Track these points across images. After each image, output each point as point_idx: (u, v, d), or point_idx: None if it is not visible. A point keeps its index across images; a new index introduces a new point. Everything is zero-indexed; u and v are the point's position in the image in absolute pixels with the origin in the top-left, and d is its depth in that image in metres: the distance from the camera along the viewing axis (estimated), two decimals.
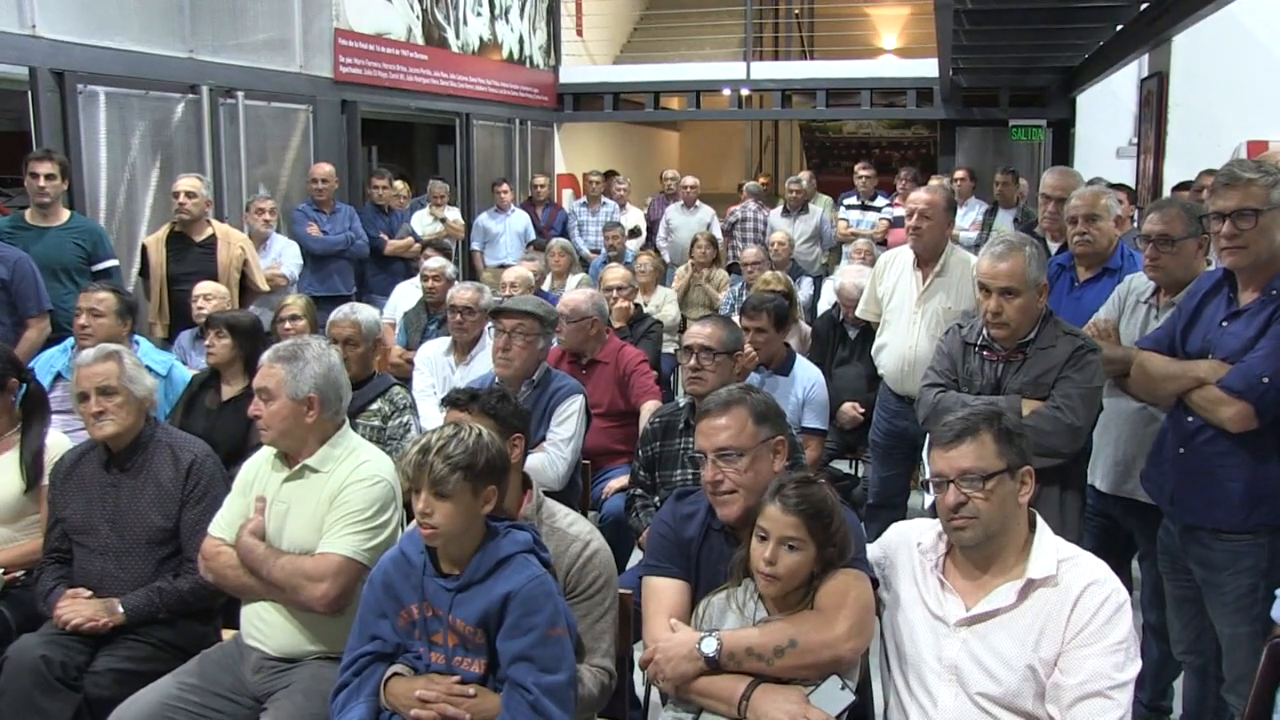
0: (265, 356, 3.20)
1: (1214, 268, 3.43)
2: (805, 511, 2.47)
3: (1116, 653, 2.32)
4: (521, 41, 12.10)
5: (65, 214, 5.71)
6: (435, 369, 5.28)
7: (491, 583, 2.52)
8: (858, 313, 5.38)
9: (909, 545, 2.63)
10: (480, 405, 3.00)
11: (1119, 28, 7.86)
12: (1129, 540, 3.84)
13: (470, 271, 10.04)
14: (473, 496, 2.51)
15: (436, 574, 2.58)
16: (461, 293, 5.16)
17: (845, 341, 5.88)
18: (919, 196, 4.69)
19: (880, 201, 9.79)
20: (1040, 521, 2.53)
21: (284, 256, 7.04)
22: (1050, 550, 2.46)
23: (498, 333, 4.33)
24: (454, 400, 3.08)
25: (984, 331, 3.53)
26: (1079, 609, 2.36)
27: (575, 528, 2.84)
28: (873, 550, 2.70)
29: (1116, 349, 3.52)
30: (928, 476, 2.56)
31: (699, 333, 3.98)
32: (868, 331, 5.43)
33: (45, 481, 3.61)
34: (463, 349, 5.18)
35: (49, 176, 5.55)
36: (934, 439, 2.54)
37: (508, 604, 2.49)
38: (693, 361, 3.92)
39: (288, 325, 5.00)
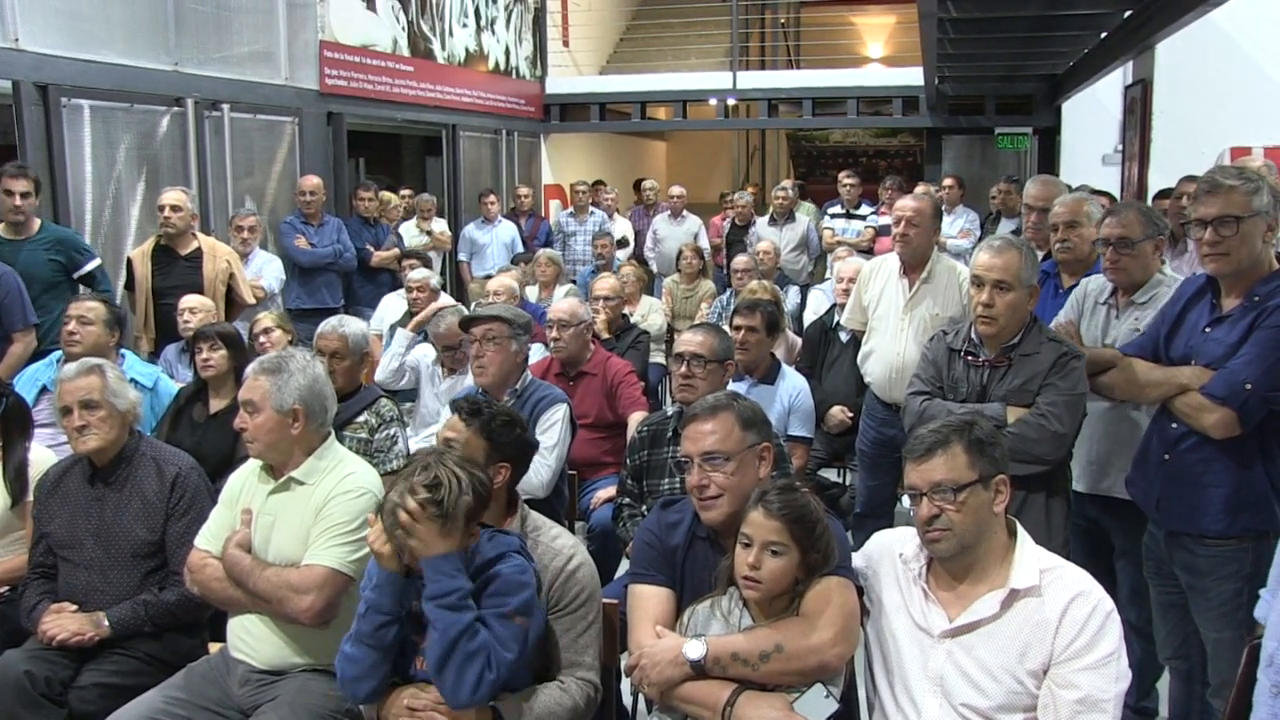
0: (250, 369, 3.20)
1: (1172, 271, 3.44)
2: (788, 516, 2.48)
3: (1109, 664, 2.32)
4: (508, 52, 12.11)
5: (36, 224, 5.66)
6: (421, 374, 5.38)
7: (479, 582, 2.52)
8: (843, 321, 5.38)
9: (891, 555, 2.62)
10: (480, 425, 2.90)
11: (1103, 35, 7.90)
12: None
13: (458, 283, 10.05)
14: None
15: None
16: (451, 328, 5.15)
17: (836, 345, 5.89)
18: (906, 204, 4.71)
19: (865, 210, 9.80)
20: (1021, 530, 2.53)
21: (265, 270, 7.01)
22: (1032, 560, 2.46)
23: (470, 343, 4.35)
24: (459, 408, 2.96)
25: (971, 334, 3.54)
26: (1066, 621, 2.35)
27: (559, 542, 2.83)
28: (856, 559, 2.69)
29: (1104, 350, 3.53)
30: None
31: (691, 340, 3.99)
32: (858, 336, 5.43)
33: (29, 497, 3.60)
34: (451, 368, 5.31)
35: (24, 195, 5.49)
36: (906, 452, 2.53)
37: (491, 582, 2.50)
38: (684, 369, 3.93)
39: (262, 340, 5.00)
